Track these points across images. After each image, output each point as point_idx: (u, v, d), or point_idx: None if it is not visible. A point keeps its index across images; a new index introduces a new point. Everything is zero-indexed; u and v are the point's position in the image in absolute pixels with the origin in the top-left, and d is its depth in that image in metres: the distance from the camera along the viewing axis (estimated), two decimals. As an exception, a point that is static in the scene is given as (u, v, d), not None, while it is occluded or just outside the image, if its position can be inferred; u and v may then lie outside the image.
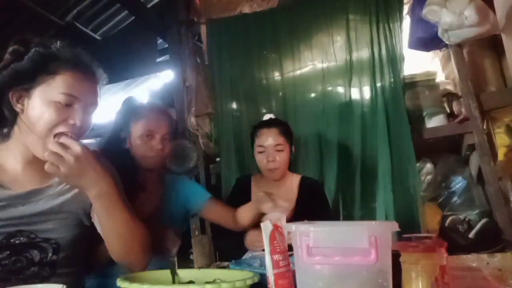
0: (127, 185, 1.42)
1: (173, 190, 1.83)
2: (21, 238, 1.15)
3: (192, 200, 1.86)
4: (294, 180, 2.09)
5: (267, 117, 2.19)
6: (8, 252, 1.14)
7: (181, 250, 1.83)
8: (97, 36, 3.87)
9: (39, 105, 1.11)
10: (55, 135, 1.11)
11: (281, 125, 2.08)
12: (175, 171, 2.64)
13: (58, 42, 1.20)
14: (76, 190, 1.23)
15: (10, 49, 1.17)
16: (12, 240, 1.14)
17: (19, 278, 1.13)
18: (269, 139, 2.01)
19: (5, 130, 1.19)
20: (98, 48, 3.80)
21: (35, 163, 1.18)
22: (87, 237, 1.34)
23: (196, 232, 2.67)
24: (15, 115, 1.15)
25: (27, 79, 1.12)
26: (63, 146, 1.06)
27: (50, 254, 1.18)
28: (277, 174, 2.03)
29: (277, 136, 2.01)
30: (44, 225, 1.18)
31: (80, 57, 1.18)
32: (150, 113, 1.73)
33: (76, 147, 1.06)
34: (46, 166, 1.06)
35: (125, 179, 1.47)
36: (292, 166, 2.23)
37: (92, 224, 1.30)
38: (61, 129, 1.11)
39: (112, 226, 1.17)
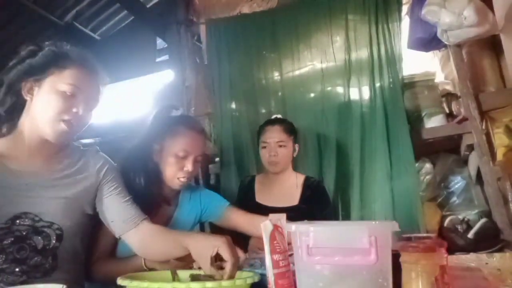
0: (153, 198, 1.42)
1: (187, 201, 1.73)
2: (26, 220, 1.19)
3: (208, 211, 1.75)
4: (298, 179, 2.19)
5: (273, 117, 2.32)
6: (12, 239, 1.17)
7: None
8: (96, 36, 3.87)
9: (48, 93, 1.23)
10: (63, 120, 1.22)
11: (284, 123, 2.22)
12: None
13: (68, 44, 1.33)
14: (80, 176, 1.32)
15: (26, 48, 1.28)
16: (17, 222, 1.18)
17: (22, 269, 1.16)
18: (272, 135, 2.15)
19: (11, 118, 1.29)
20: (97, 48, 3.80)
21: (40, 149, 1.27)
22: (89, 230, 1.37)
23: (196, 232, 2.67)
24: (23, 103, 1.27)
25: (39, 72, 1.24)
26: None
27: (54, 241, 1.22)
28: (278, 167, 2.15)
29: (280, 133, 2.15)
30: (48, 209, 1.23)
31: (87, 57, 1.33)
32: (188, 131, 1.59)
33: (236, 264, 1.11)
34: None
35: (152, 192, 1.46)
36: (292, 166, 2.26)
37: (95, 215, 1.35)
38: (65, 117, 1.22)
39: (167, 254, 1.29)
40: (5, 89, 1.26)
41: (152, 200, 1.38)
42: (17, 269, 1.15)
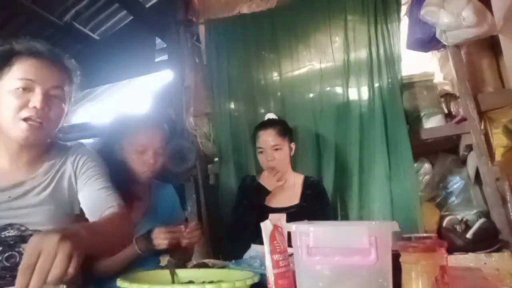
0: (123, 196, 1.43)
1: (160, 197, 1.85)
2: (12, 231, 1.17)
3: (174, 212, 1.89)
4: (297, 179, 2.21)
5: (267, 117, 2.31)
6: (0, 248, 1.15)
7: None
8: (95, 36, 3.86)
9: (4, 96, 1.16)
10: (25, 119, 1.14)
11: (277, 125, 2.21)
12: (174, 171, 2.64)
13: (20, 37, 1.23)
14: (60, 176, 1.28)
15: None
16: (2, 234, 1.16)
17: (13, 275, 1.14)
18: (266, 141, 2.15)
19: None
20: (97, 48, 3.79)
21: (21, 156, 1.23)
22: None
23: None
24: None
25: None
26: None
27: None
28: (279, 175, 2.13)
29: (274, 137, 2.15)
30: (33, 217, 1.20)
31: (36, 45, 1.22)
32: (143, 128, 1.71)
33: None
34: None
35: (121, 190, 1.48)
36: (291, 165, 2.26)
37: (82, 213, 1.32)
38: (24, 114, 1.15)
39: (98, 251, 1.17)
40: None
41: (123, 198, 1.40)
42: (7, 276, 1.14)
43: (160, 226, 1.54)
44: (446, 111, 2.64)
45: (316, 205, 2.11)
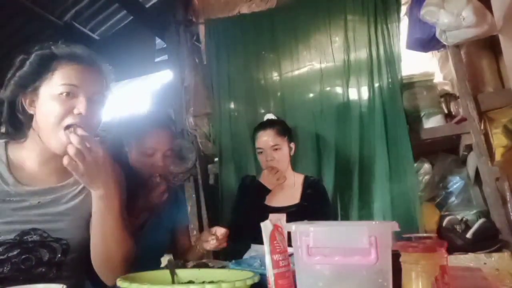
0: (131, 198, 1.42)
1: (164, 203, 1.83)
2: (34, 236, 1.17)
3: (180, 215, 1.91)
4: (297, 179, 2.20)
5: (266, 117, 2.31)
6: (19, 250, 1.15)
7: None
8: (95, 36, 3.85)
9: (46, 102, 1.15)
10: (67, 128, 1.13)
11: (276, 125, 2.21)
12: (174, 171, 2.64)
13: (59, 42, 1.23)
14: (88, 192, 1.25)
15: (16, 60, 1.19)
16: (25, 238, 1.16)
17: (26, 278, 1.14)
18: (265, 141, 2.15)
19: (22, 132, 1.22)
20: (96, 47, 3.78)
21: (51, 162, 1.22)
22: None
23: (195, 232, 2.67)
24: (30, 118, 1.19)
25: (31, 82, 1.16)
26: (84, 144, 1.08)
27: (59, 255, 1.20)
28: (279, 174, 2.12)
29: (273, 136, 2.15)
30: (57, 224, 1.20)
31: (76, 50, 1.21)
32: (151, 130, 1.68)
33: (98, 149, 1.09)
34: (65, 162, 1.07)
35: (129, 192, 1.47)
36: (291, 165, 2.26)
37: None
38: (68, 121, 1.13)
39: (102, 230, 1.19)
40: (8, 108, 1.19)
41: (135, 200, 1.39)
42: (21, 278, 1.14)
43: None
44: (446, 111, 2.64)
45: (316, 204, 2.11)
